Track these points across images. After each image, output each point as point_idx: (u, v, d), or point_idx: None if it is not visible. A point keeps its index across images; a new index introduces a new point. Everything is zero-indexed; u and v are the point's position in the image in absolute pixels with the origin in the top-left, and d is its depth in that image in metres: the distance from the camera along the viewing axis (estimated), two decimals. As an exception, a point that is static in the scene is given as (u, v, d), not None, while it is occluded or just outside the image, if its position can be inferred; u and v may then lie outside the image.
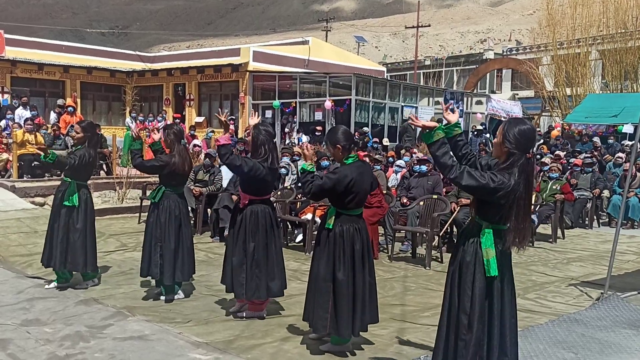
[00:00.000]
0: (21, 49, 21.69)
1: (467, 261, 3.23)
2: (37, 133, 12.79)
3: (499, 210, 3.17)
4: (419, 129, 17.77)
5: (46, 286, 5.83)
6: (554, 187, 9.99)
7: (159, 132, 5.64)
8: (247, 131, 12.92)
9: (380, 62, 43.75)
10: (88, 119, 8.03)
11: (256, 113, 5.26)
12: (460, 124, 3.47)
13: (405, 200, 8.55)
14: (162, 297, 5.54)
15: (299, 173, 4.17)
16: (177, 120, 19.09)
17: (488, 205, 3.19)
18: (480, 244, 3.20)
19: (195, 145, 13.26)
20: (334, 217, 4.20)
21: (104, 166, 13.59)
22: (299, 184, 4.15)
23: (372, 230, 7.60)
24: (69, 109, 16.10)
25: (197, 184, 9.34)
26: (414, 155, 12.54)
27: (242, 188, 5.00)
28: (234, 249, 4.93)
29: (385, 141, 16.61)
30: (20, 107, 15.70)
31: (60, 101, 17.70)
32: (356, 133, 16.48)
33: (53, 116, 16.41)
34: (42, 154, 5.69)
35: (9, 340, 4.38)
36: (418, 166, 8.94)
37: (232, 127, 4.77)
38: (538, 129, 22.90)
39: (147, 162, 5.60)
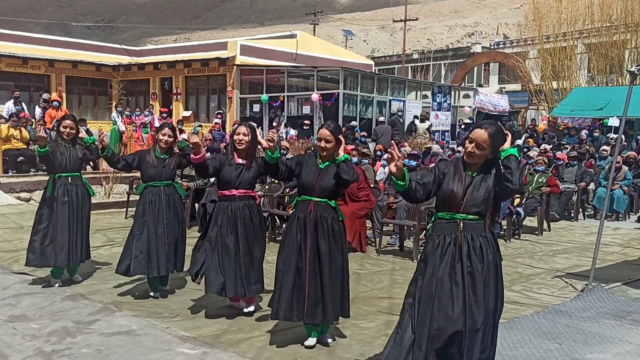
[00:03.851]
0: (5, 43, 21.38)
1: (490, 259, 3.27)
2: (22, 128, 12.68)
3: None
4: (407, 123, 17.79)
5: (57, 285, 5.73)
6: (540, 180, 10.08)
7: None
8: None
9: (369, 55, 43.72)
10: (72, 113, 7.93)
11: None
12: (405, 175, 3.30)
13: (391, 199, 8.57)
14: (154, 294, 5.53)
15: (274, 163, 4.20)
16: (164, 115, 18.98)
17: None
18: (491, 235, 3.36)
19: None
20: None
21: (90, 161, 13.50)
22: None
23: (359, 223, 7.64)
24: (55, 103, 15.96)
25: (184, 179, 9.31)
26: (402, 149, 12.59)
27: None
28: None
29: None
30: (12, 102, 15.63)
31: (45, 95, 17.53)
32: (344, 128, 16.50)
33: (38, 111, 16.25)
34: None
35: (-6, 336, 4.36)
36: (407, 160, 8.97)
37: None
38: (519, 124, 23.05)
39: None
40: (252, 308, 5.00)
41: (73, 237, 5.72)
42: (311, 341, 4.26)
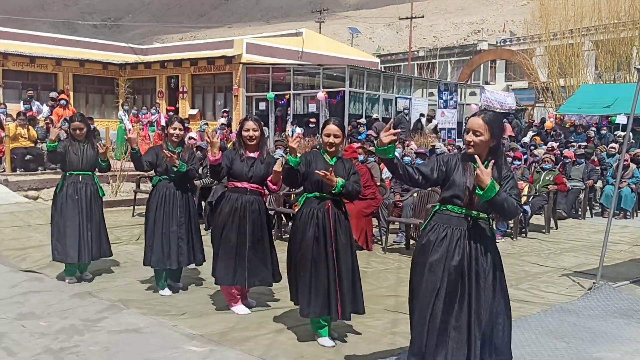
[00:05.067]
0: (13, 42, 21.50)
1: (496, 258, 3.27)
2: (30, 127, 12.74)
3: None
4: (413, 121, 17.73)
5: (67, 281, 5.80)
6: (547, 178, 10.04)
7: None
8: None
9: (375, 53, 43.64)
10: (79, 112, 7.98)
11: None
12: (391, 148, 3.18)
13: (397, 197, 8.57)
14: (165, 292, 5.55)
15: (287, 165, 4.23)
16: (171, 113, 19.03)
17: None
18: (489, 230, 3.31)
19: (190, 138, 13.20)
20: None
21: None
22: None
23: (366, 221, 7.64)
24: (62, 101, 16.04)
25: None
26: (407, 147, 12.58)
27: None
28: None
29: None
30: (35, 101, 16.11)
31: (53, 94, 17.61)
32: (349, 126, 16.49)
33: (46, 109, 16.34)
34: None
35: (3, 334, 4.38)
36: (415, 158, 8.99)
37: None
38: (526, 121, 22.96)
39: None
40: (247, 310, 4.99)
41: (84, 235, 5.75)
42: (328, 341, 4.26)
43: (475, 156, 3.13)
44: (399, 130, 3.21)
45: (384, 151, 3.14)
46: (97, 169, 5.99)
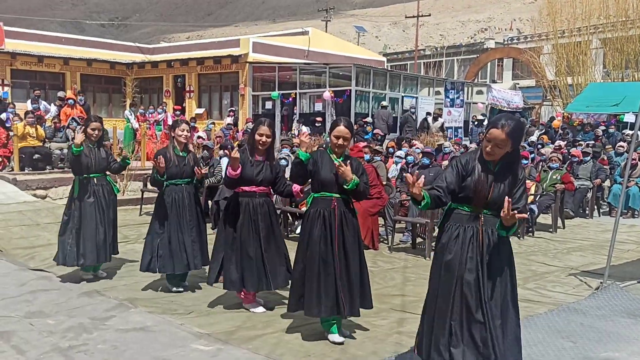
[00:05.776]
0: (21, 41, 21.62)
1: (507, 254, 3.30)
2: (38, 126, 12.81)
3: None
4: (419, 120, 17.74)
5: (82, 275, 5.91)
6: (554, 177, 10.00)
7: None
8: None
9: (381, 52, 43.58)
10: (92, 113, 8.05)
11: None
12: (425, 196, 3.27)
13: (404, 196, 8.57)
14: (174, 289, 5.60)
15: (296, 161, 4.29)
16: (178, 112, 19.07)
17: None
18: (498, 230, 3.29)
19: (198, 137, 13.24)
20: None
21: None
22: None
23: (372, 221, 7.64)
24: (69, 101, 16.13)
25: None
26: (413, 147, 12.57)
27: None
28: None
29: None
30: (42, 100, 16.25)
31: (61, 93, 17.70)
32: (356, 125, 16.49)
33: (53, 109, 16.42)
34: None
35: (12, 332, 4.42)
36: (421, 158, 8.99)
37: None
38: (533, 119, 22.87)
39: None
40: (263, 309, 5.04)
41: (100, 237, 5.82)
42: (338, 337, 4.28)
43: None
44: (421, 180, 3.21)
45: (425, 206, 3.28)
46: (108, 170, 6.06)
